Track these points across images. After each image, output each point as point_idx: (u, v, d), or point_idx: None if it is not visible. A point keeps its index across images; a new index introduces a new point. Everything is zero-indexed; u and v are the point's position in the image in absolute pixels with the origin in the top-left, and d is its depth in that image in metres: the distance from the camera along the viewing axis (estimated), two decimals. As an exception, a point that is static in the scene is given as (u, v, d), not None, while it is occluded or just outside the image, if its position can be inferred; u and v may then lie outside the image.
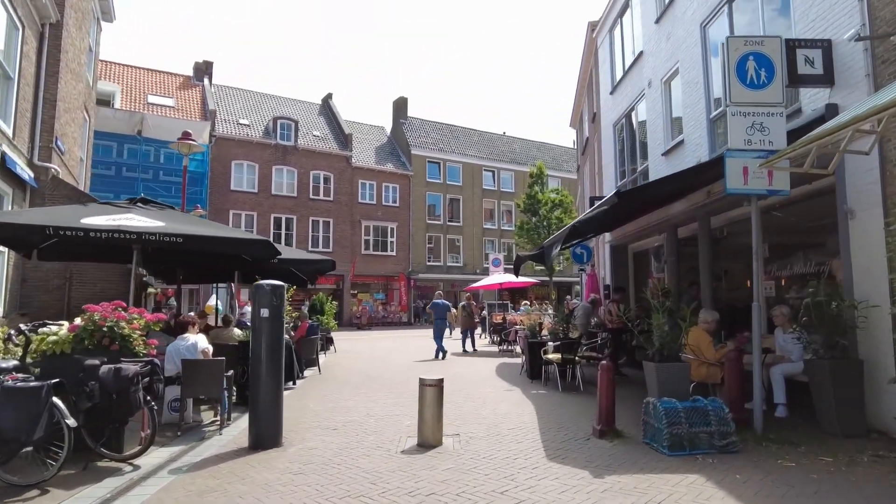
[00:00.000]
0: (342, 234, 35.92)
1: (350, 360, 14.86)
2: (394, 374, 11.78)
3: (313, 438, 6.35)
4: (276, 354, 6.09)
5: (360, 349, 18.64)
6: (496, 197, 43.05)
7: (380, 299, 37.94)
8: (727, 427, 5.19)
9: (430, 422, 5.87)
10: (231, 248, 7.86)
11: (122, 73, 32.66)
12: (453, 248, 41.05)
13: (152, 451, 5.68)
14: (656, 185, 7.77)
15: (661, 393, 5.76)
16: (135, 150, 30.07)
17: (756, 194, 5.78)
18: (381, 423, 7.12)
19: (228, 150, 32.88)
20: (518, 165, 43.65)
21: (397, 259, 38.17)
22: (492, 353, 17.00)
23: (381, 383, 10.51)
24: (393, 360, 15.01)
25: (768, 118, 5.70)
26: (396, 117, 42.32)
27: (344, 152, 36.42)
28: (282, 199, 34.19)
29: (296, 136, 35.08)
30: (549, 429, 6.56)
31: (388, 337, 26.23)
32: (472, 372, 12.10)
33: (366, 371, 12.50)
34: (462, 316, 18.17)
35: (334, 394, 9.36)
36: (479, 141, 44.69)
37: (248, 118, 35.34)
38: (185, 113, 32.79)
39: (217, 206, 32.10)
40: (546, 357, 9.58)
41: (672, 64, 11.47)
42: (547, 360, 9.58)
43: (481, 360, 14.75)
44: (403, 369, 12.72)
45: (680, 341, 6.52)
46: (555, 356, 9.51)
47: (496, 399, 8.64)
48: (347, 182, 36.43)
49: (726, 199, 9.33)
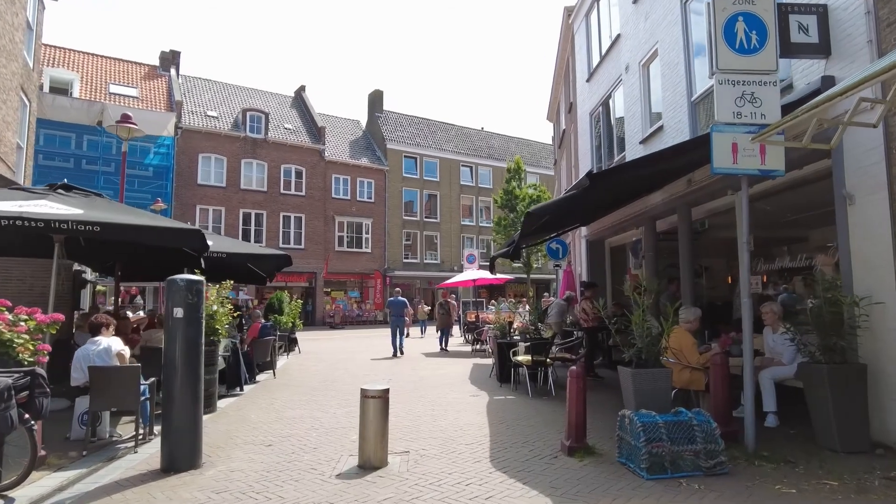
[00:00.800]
0: (315, 231, 34.84)
1: (312, 363, 13.96)
2: (354, 378, 10.92)
3: (241, 457, 5.47)
4: (193, 361, 5.19)
5: (327, 350, 17.72)
6: (474, 193, 42.29)
7: (354, 297, 36.94)
8: (715, 445, 4.44)
9: (372, 439, 5.04)
10: (157, 238, 6.92)
11: (81, 60, 31.15)
12: (430, 245, 40.20)
13: (40, 477, 4.78)
14: (633, 165, 7.01)
15: (639, 403, 5.00)
16: (95, 142, 28.69)
17: (746, 174, 5.03)
18: (325, 437, 6.27)
19: (196, 143, 31.59)
20: (496, 161, 42.93)
21: (373, 256, 37.19)
22: (465, 353, 16.22)
23: (337, 389, 9.65)
24: (357, 361, 14.14)
25: (760, 87, 4.96)
26: (372, 111, 41.28)
27: (317, 146, 35.31)
28: (251, 193, 32.98)
29: (266, 128, 33.89)
30: (512, 444, 5.77)
31: (360, 336, 25.31)
32: (440, 374, 11.29)
33: (325, 374, 11.61)
34: (439, 314, 17.45)
35: (282, 401, 8.47)
36: (456, 136, 43.87)
37: (217, 110, 34.05)
38: (149, 103, 31.43)
39: (183, 200, 30.85)
40: (515, 359, 8.80)
41: (651, 46, 10.78)
42: (516, 363, 8.80)
43: (452, 361, 13.96)
44: (366, 372, 11.87)
45: (661, 344, 5.75)
46: (524, 358, 8.74)
47: (459, 406, 7.83)
48: (320, 176, 35.34)
49: (708, 189, 8.65)
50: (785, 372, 6.10)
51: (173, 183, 30.52)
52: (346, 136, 39.37)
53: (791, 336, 5.58)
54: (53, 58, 30.04)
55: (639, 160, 7.35)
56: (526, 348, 8.82)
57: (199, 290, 5.31)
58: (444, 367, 12.60)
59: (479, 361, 13.62)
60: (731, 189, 8.18)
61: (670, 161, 6.60)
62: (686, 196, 9.22)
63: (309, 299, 35.03)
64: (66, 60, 30.48)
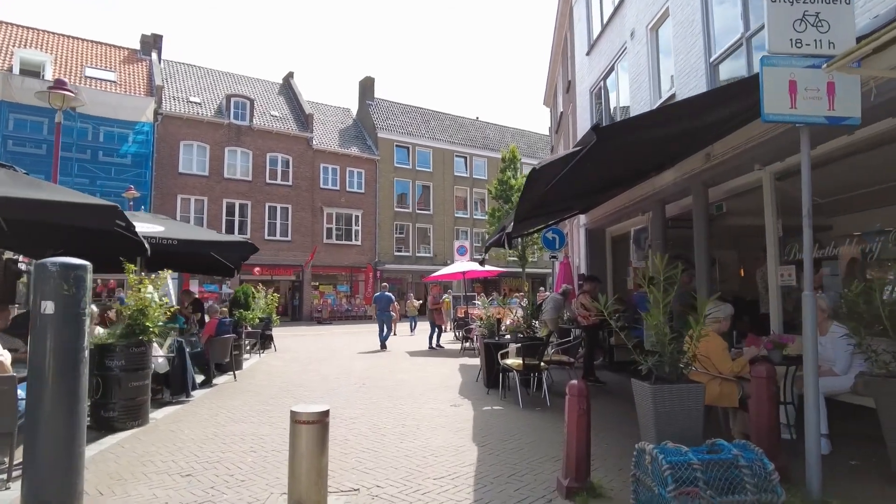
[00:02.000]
0: (302, 222, 33.48)
1: (284, 362, 12.69)
2: (323, 382, 9.65)
3: (140, 496, 4.20)
4: (69, 372, 3.91)
5: (307, 347, 16.44)
6: (468, 184, 40.96)
7: (343, 292, 35.64)
8: (773, 496, 3.18)
9: (305, 477, 3.76)
10: (60, 214, 5.61)
11: (55, 42, 29.65)
12: (423, 238, 38.89)
13: None
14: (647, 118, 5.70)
15: (661, 431, 3.73)
16: (69, 128, 27.17)
17: (808, 123, 3.74)
18: (261, 463, 4.99)
19: (177, 130, 30.17)
20: (491, 152, 41.59)
21: (363, 249, 35.87)
22: (454, 351, 14.96)
23: (299, 395, 8.37)
24: (335, 361, 12.87)
25: (828, 6, 3.69)
26: (362, 98, 39.88)
27: (304, 134, 33.90)
28: (235, 183, 31.59)
29: (251, 115, 32.47)
30: (495, 478, 4.51)
31: (346, 332, 24.04)
32: (420, 377, 10.03)
33: (292, 377, 10.34)
34: (430, 310, 16.20)
35: (230, 411, 7.20)
36: (450, 125, 42.49)
37: (200, 96, 32.59)
38: (128, 88, 29.99)
39: (164, 190, 29.47)
40: (505, 363, 7.53)
41: (660, 5, 9.48)
42: (505, 367, 7.53)
43: (437, 361, 12.70)
44: (338, 374, 10.60)
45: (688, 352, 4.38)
46: (515, 361, 7.47)
47: (435, 421, 6.56)
48: (308, 166, 33.95)
49: (730, 165, 7.38)
50: (838, 385, 4.86)
51: (153, 171, 29.13)
52: (335, 125, 37.96)
53: (855, 340, 4.32)
54: (24, 39, 28.55)
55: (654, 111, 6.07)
56: (517, 350, 7.55)
57: (81, 279, 4.02)
58: (426, 369, 11.34)
59: (467, 362, 12.36)
60: (758, 163, 6.92)
61: (693, 117, 5.31)
62: (703, 174, 7.96)
63: (296, 294, 33.76)
64: (39, 41, 28.99)
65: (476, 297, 18.47)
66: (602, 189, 10.35)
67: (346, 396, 8.10)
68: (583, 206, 13.22)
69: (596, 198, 11.79)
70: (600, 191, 10.54)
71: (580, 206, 13.05)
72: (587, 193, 10.67)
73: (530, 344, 7.48)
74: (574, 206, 12.92)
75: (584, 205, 13.00)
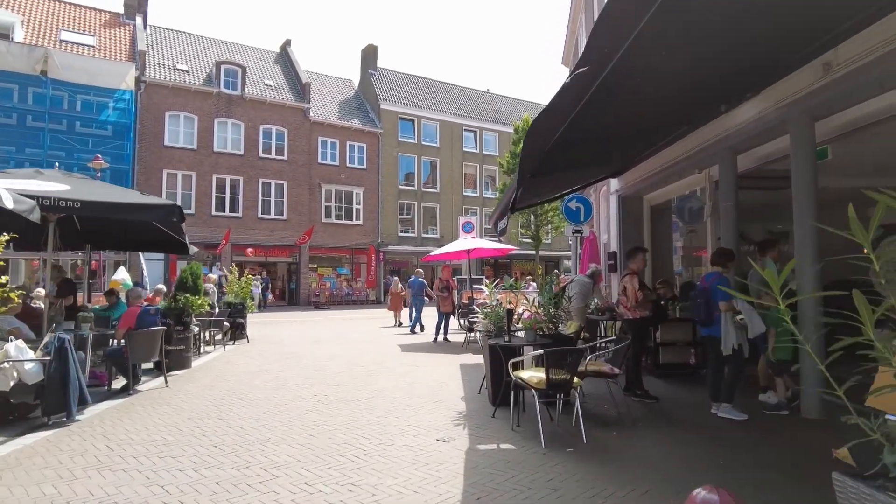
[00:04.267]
0: (298, 200, 31.09)
1: (248, 358, 10.36)
2: (275, 391, 7.28)
3: None
4: None
5: (288, 337, 14.12)
6: (478, 160, 38.29)
7: (344, 275, 33.33)
8: None
9: None
10: None
11: (26, 2, 27.25)
12: (429, 218, 36.40)
13: None
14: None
15: None
16: (41, 95, 25.00)
17: None
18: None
19: (162, 99, 27.81)
20: (503, 125, 38.84)
21: (364, 229, 33.47)
22: (457, 345, 12.56)
23: (232, 414, 6.00)
24: (310, 356, 10.51)
25: None
26: (365, 68, 37.20)
27: (300, 104, 31.37)
28: (226, 156, 29.23)
29: (243, 84, 29.99)
30: None
31: (344, 318, 21.74)
32: (406, 386, 7.62)
33: (242, 382, 7.98)
34: (440, 296, 13.57)
35: (108, 448, 4.84)
36: (459, 97, 39.71)
37: (188, 64, 30.13)
38: (108, 53, 27.61)
39: (148, 164, 27.21)
40: (518, 377, 5.07)
41: None
42: (519, 382, 5.07)
43: (435, 359, 10.30)
44: (303, 377, 8.23)
45: None
46: (534, 376, 5.00)
47: (404, 480, 4.13)
48: (304, 139, 31.47)
49: (857, 81, 4.84)
50: None
51: (135, 143, 26.86)
52: (335, 96, 35.37)
53: None
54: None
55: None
56: (538, 359, 5.09)
57: None
58: (418, 371, 8.93)
59: (471, 360, 9.96)
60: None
61: None
62: (812, 97, 5.39)
63: (293, 276, 31.53)
64: (8, 0, 26.59)
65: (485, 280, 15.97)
66: (642, 136, 7.83)
67: (289, 421, 5.72)
68: (614, 168, 10.70)
69: (633, 151, 9.27)
70: (639, 139, 8.02)
71: (610, 166, 10.54)
72: (620, 144, 8.15)
73: (554, 348, 5.01)
74: (603, 167, 10.42)
75: (615, 165, 10.48)
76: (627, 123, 6.91)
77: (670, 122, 7.59)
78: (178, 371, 8.93)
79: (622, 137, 7.82)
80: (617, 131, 7.30)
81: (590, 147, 7.40)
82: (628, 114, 6.29)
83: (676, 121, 7.59)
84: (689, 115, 7.25)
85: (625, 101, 5.47)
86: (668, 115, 6.96)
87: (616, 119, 6.27)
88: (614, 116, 6.08)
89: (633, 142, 8.51)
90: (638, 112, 6.41)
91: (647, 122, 7.15)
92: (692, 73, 5.16)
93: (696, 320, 5.89)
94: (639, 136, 8.06)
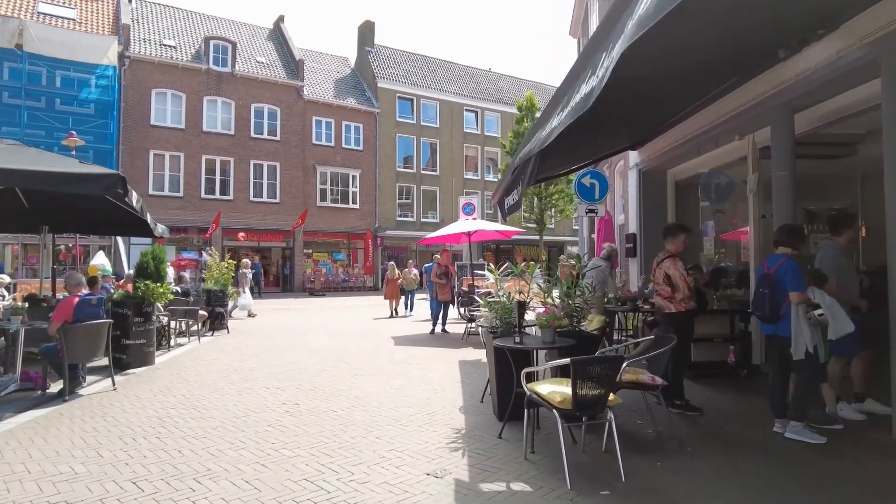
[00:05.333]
0: (292, 182, 29.79)
1: (220, 353, 9.20)
2: (238, 397, 6.11)
3: None
4: None
5: (272, 327, 12.95)
6: (479, 142, 36.89)
7: (340, 261, 32.13)
8: None
9: None
10: None
11: (2, -29, 25.73)
12: (429, 202, 35.11)
13: None
14: None
15: None
16: (17, 71, 23.63)
17: None
18: None
19: (147, 76, 26.42)
20: (506, 105, 37.38)
21: (361, 213, 32.20)
22: (457, 337, 11.40)
23: (179, 433, 4.83)
24: (290, 351, 9.35)
25: None
26: (361, 45, 35.67)
27: (293, 82, 29.95)
28: (215, 137, 27.89)
29: (233, 60, 28.56)
30: None
31: (338, 305, 20.60)
32: (393, 391, 6.44)
33: (204, 384, 6.82)
34: (437, 283, 12.19)
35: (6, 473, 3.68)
36: (460, 76, 38.19)
37: (176, 39, 28.67)
38: (90, 27, 26.20)
39: (133, 144, 25.90)
40: (534, 392, 3.86)
41: None
42: (535, 399, 3.87)
43: (431, 354, 9.15)
44: (275, 379, 7.06)
45: None
46: (557, 392, 3.80)
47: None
48: (298, 118, 30.09)
49: None
50: None
51: (120, 122, 25.54)
52: (330, 73, 33.90)
53: None
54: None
55: None
56: (556, 370, 3.89)
57: None
58: (411, 370, 7.76)
59: (471, 355, 8.80)
60: None
61: None
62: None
63: (287, 262, 30.34)
64: (-18, -30, 25.10)
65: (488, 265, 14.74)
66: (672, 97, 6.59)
67: (242, 442, 4.54)
68: (635, 137, 9.41)
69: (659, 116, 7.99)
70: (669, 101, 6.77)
71: (631, 136, 9.25)
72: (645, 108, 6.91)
73: (591, 359, 3.81)
74: (621, 137, 9.13)
75: (636, 134, 9.19)
76: (655, 82, 5.65)
77: (710, 78, 6.31)
78: (136, 369, 7.79)
79: (647, 100, 6.55)
80: (641, 92, 6.03)
81: (607, 114, 6.13)
82: (657, 69, 5.04)
83: (717, 75, 6.31)
84: (733, 67, 5.97)
85: (653, 55, 4.22)
86: (706, 68, 5.69)
87: (642, 77, 5.01)
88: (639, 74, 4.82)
89: (661, 105, 7.24)
90: (668, 66, 5.16)
91: (678, 79, 5.88)
92: (743, 9, 3.92)
93: (757, 315, 4.67)
94: (669, 96, 6.78)
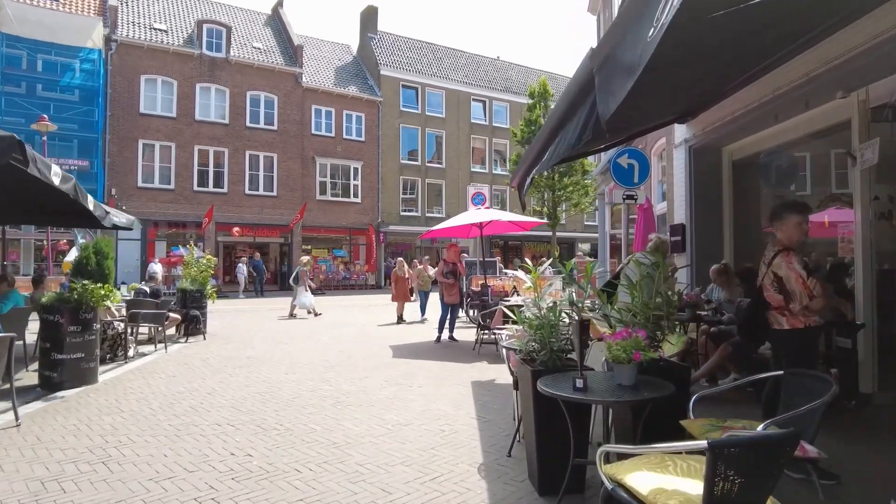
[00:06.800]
0: (290, 174, 28.19)
1: (181, 368, 7.60)
2: (181, 443, 4.50)
3: None
4: None
5: (256, 332, 11.35)
6: (487, 133, 35.19)
7: (341, 257, 30.53)
8: None
9: None
10: None
11: (-20, -51, 24.19)
12: (434, 196, 33.45)
13: None
14: None
15: None
16: (-5, 53, 22.10)
17: None
18: None
19: (136, 61, 24.89)
20: (514, 95, 35.71)
21: (363, 207, 30.58)
22: (467, 345, 9.79)
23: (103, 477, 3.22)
24: (265, 367, 7.74)
25: None
26: (364, 32, 34.02)
27: (291, 69, 28.33)
28: (209, 126, 26.32)
29: (228, 46, 26.98)
30: None
31: (336, 304, 19.00)
32: (386, 432, 4.83)
33: (145, 418, 5.22)
34: (444, 283, 10.45)
35: None
36: (466, 64, 36.48)
37: (167, 23, 27.10)
38: (75, 8, 24.67)
39: (122, 133, 24.37)
40: (621, 486, 2.21)
41: None
42: (624, 500, 2.21)
43: (437, 370, 7.53)
44: (244, 410, 5.45)
45: None
46: (662, 487, 2.16)
47: None
48: (297, 107, 28.48)
49: None
50: None
51: (106, 110, 24.02)
52: (330, 61, 32.28)
53: None
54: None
55: None
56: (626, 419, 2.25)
57: None
58: (410, 397, 6.13)
59: (488, 374, 7.17)
60: None
61: None
62: None
63: (284, 258, 28.77)
64: (-41, -53, 23.56)
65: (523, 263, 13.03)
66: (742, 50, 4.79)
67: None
68: (684, 107, 7.67)
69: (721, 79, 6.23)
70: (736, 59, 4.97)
71: (678, 105, 7.49)
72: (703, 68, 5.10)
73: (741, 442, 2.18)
74: (666, 108, 7.38)
75: (685, 103, 7.45)
76: (720, 33, 3.92)
77: (798, 22, 4.57)
78: (70, 390, 6.21)
79: (707, 58, 4.78)
80: (698, 49, 4.27)
81: (655, 78, 4.38)
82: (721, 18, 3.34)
83: (807, 19, 4.56)
84: (828, 8, 4.24)
85: None
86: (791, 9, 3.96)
87: (701, 28, 3.31)
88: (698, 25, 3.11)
89: (724, 65, 5.50)
90: (739, 13, 3.46)
91: (758, 20, 4.15)
92: None
93: None
94: (737, 51, 5.02)
